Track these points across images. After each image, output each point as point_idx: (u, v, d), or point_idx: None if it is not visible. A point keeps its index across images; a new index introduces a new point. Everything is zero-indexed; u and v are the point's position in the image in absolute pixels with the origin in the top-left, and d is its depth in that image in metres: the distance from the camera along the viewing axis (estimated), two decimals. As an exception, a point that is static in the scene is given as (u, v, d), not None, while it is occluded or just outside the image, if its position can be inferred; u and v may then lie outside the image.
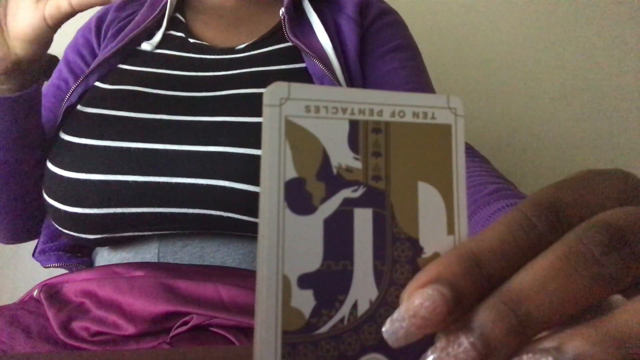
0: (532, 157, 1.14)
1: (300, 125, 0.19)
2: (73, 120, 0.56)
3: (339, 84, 0.57)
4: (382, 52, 0.65)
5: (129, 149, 0.51)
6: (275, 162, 0.19)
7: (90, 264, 0.63)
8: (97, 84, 0.60)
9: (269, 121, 0.19)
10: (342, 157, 0.19)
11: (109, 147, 0.51)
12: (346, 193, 0.19)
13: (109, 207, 0.50)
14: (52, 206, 0.53)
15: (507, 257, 0.18)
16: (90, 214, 0.50)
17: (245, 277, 0.50)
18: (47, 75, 0.59)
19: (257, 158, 0.49)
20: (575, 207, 0.19)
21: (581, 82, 1.16)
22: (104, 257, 0.58)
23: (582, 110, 1.16)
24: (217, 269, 0.52)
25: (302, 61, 0.60)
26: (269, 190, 0.18)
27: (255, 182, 0.49)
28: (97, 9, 0.75)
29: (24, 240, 0.69)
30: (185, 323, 0.44)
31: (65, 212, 0.51)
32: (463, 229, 0.20)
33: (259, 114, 0.20)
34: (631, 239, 0.17)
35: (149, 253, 0.54)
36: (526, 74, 1.15)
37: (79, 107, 0.57)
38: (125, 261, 0.55)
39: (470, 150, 0.55)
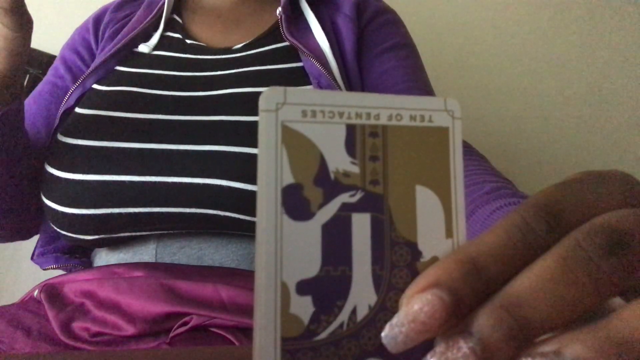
0: (532, 157, 1.14)
1: (297, 130, 0.19)
2: (70, 122, 0.56)
3: (336, 84, 0.56)
4: (379, 51, 0.65)
5: (125, 149, 0.51)
6: (272, 168, 0.18)
7: (89, 265, 0.63)
8: (95, 86, 0.60)
9: (265, 126, 0.18)
10: (339, 161, 0.19)
11: (105, 147, 0.51)
12: (344, 198, 0.19)
13: (106, 208, 0.50)
14: (49, 207, 0.52)
15: (506, 261, 0.18)
16: (87, 215, 0.50)
17: (244, 277, 0.49)
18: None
19: (254, 157, 0.49)
20: (574, 210, 0.19)
21: (581, 83, 1.16)
22: (102, 258, 0.58)
23: (582, 111, 1.16)
24: (217, 269, 0.51)
25: (299, 60, 0.59)
26: (266, 196, 0.18)
27: (253, 181, 0.48)
28: (95, 8, 0.74)
29: (18, 239, 0.68)
30: (185, 323, 0.44)
31: (63, 213, 0.51)
32: (461, 232, 0.20)
33: (256, 113, 0.19)
34: (631, 242, 0.17)
35: (146, 254, 0.54)
36: (527, 74, 1.15)
37: (76, 109, 0.57)
38: (123, 262, 0.55)
39: (468, 149, 0.55)
